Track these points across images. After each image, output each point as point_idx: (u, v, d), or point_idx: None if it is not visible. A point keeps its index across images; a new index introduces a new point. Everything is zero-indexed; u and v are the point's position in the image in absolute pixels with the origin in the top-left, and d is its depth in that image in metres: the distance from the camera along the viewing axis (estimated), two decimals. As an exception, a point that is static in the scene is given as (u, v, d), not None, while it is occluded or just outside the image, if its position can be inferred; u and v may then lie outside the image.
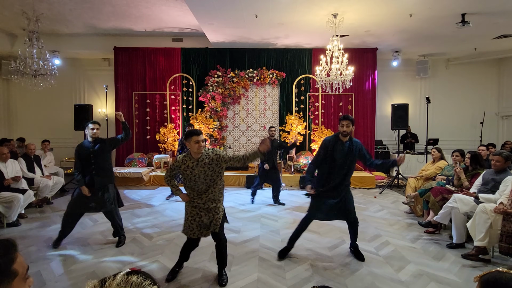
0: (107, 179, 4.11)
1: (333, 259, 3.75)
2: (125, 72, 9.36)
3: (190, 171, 3.03)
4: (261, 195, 6.92)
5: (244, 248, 4.07)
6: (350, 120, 3.62)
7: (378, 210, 5.94)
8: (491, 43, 8.50)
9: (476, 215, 3.67)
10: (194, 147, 2.99)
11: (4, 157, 5.29)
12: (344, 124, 3.61)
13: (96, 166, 4.01)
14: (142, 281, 0.85)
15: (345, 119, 3.62)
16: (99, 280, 0.85)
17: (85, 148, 4.02)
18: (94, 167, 4.00)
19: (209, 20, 7.02)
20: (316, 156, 3.81)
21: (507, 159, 4.02)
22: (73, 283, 3.16)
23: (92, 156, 3.99)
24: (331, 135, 3.83)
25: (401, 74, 10.46)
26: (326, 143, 3.70)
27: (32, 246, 4.10)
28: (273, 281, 3.21)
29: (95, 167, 4.00)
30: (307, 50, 9.28)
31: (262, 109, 9.50)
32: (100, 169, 4.04)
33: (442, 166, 5.59)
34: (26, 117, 10.50)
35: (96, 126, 4.03)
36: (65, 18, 7.61)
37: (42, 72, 6.47)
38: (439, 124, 10.29)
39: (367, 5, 6.06)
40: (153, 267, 3.50)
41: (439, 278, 3.28)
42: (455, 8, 6.14)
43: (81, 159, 4.02)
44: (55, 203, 6.30)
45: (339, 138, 3.68)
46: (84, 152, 4.01)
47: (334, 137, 3.72)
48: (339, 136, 3.68)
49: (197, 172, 3.02)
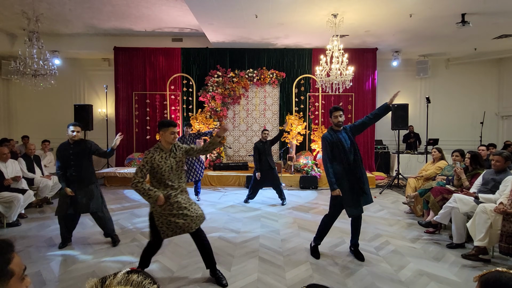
0: (88, 180, 4.09)
1: (333, 259, 3.75)
2: (125, 72, 9.36)
3: (164, 161, 3.04)
4: (261, 195, 6.92)
5: (244, 248, 4.07)
6: (341, 110, 3.71)
7: (378, 210, 5.94)
8: (491, 43, 8.50)
9: (476, 215, 3.67)
10: (169, 137, 3.06)
11: (4, 157, 5.30)
12: (337, 115, 3.66)
13: (76, 168, 4.01)
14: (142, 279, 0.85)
15: (337, 110, 3.68)
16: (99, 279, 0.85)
17: (65, 149, 4.03)
18: (74, 168, 4.01)
19: (209, 20, 7.02)
20: (325, 155, 3.69)
21: (507, 159, 4.02)
22: (73, 283, 3.16)
23: (72, 158, 4.00)
24: (325, 132, 3.83)
25: (401, 74, 10.46)
26: (329, 138, 3.66)
27: (32, 246, 4.11)
28: (273, 281, 3.21)
29: (75, 169, 4.01)
30: (307, 50, 9.29)
31: (262, 109, 9.50)
32: (80, 170, 4.03)
33: (442, 166, 5.59)
34: (26, 117, 10.50)
35: (77, 129, 4.04)
36: (65, 18, 7.61)
37: (42, 72, 6.47)
38: (439, 124, 10.30)
39: (367, 5, 6.06)
40: (153, 267, 3.50)
41: (439, 278, 3.28)
42: (455, 8, 6.14)
43: (62, 160, 4.03)
44: (55, 203, 6.29)
45: (335, 130, 3.71)
46: (65, 153, 4.01)
47: (331, 131, 3.72)
48: (334, 128, 3.72)
49: (169, 163, 3.06)
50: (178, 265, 3.56)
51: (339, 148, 3.61)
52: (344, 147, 3.61)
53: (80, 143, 4.07)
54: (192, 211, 3.10)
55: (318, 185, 7.92)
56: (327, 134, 3.73)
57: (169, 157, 3.07)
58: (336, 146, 3.62)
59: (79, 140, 4.08)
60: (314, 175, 7.93)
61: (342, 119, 3.67)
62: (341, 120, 3.66)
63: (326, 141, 3.67)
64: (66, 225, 4.10)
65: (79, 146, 4.05)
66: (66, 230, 4.12)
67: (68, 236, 4.17)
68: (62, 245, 4.07)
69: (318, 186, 7.91)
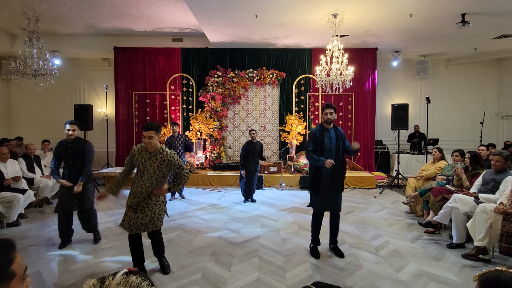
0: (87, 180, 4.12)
1: (333, 259, 3.75)
2: (125, 72, 9.36)
3: (142, 162, 3.14)
4: (261, 195, 6.92)
5: (244, 248, 4.07)
6: (333, 108, 3.74)
7: (378, 210, 5.94)
8: (491, 43, 8.50)
9: (476, 215, 3.67)
10: (143, 141, 3.13)
11: (4, 157, 5.30)
12: (328, 112, 3.72)
13: (74, 166, 4.06)
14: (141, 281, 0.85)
15: (329, 107, 3.74)
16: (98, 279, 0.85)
17: (63, 146, 4.07)
18: (72, 167, 4.06)
19: (209, 20, 7.02)
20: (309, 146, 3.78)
21: (507, 159, 4.02)
22: (73, 283, 3.16)
23: (70, 156, 4.05)
24: (314, 127, 3.90)
25: (401, 74, 10.47)
26: (314, 133, 3.77)
27: (32, 246, 4.11)
28: (273, 281, 3.21)
29: (73, 167, 4.05)
30: (307, 50, 9.29)
31: (262, 109, 9.50)
32: (77, 169, 4.06)
33: (442, 166, 5.59)
34: (26, 117, 10.50)
35: (72, 127, 4.05)
36: (65, 18, 7.61)
37: (42, 72, 6.47)
38: (439, 124, 10.30)
39: (367, 5, 6.06)
40: (153, 267, 3.50)
41: (439, 278, 3.28)
42: (455, 8, 6.14)
43: (59, 157, 4.08)
44: (55, 203, 6.27)
45: (324, 127, 3.77)
46: (63, 151, 4.06)
47: (319, 127, 3.79)
48: (324, 125, 3.78)
49: (148, 165, 3.13)
50: (178, 265, 3.55)
51: (320, 145, 3.71)
52: (323, 144, 3.70)
53: (80, 143, 4.09)
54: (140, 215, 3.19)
55: (318, 185, 7.90)
56: (314, 129, 3.84)
57: (148, 160, 3.13)
58: (318, 142, 3.72)
59: (79, 140, 4.09)
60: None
61: (333, 117, 3.73)
62: (331, 117, 3.72)
63: (311, 135, 3.80)
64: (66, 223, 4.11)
65: (78, 146, 4.06)
66: (66, 227, 4.13)
67: (69, 234, 4.17)
68: (62, 245, 4.07)
69: (318, 186, 7.90)
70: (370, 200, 6.74)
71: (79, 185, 4.01)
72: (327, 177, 3.72)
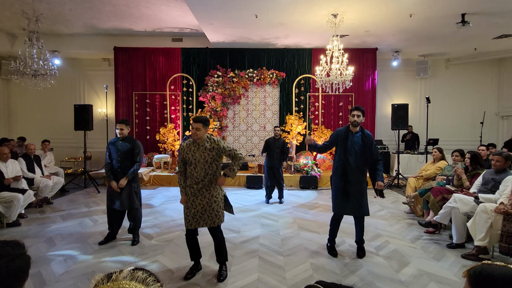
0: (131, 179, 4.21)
1: (333, 259, 3.75)
2: (125, 72, 9.37)
3: (192, 154, 3.18)
4: (261, 195, 6.91)
5: (244, 248, 4.07)
6: (361, 111, 3.70)
7: (378, 210, 5.94)
8: (491, 43, 8.50)
9: (477, 215, 3.67)
10: (191, 131, 3.21)
11: (4, 157, 5.30)
12: (355, 114, 3.68)
13: (122, 164, 4.15)
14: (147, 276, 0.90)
15: (356, 110, 3.71)
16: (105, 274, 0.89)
17: (113, 144, 4.20)
18: (119, 165, 4.14)
19: (209, 20, 7.02)
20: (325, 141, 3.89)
21: (507, 159, 4.02)
22: (73, 283, 3.16)
23: (120, 153, 4.15)
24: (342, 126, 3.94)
25: (401, 74, 10.47)
26: (338, 132, 3.79)
27: (32, 246, 4.10)
28: (273, 281, 3.21)
29: (121, 165, 4.15)
30: (307, 50, 9.29)
31: (262, 109, 9.50)
32: (125, 167, 4.15)
33: (442, 166, 5.58)
34: (26, 117, 10.50)
35: (121, 126, 4.17)
36: (65, 18, 7.61)
37: (42, 72, 6.47)
38: (439, 124, 10.30)
39: (367, 5, 6.06)
40: (153, 267, 3.50)
41: (439, 278, 3.28)
42: (455, 8, 6.14)
43: (110, 151, 4.19)
44: (55, 203, 6.30)
45: (350, 129, 3.75)
46: (114, 146, 4.18)
47: (345, 128, 3.79)
48: (350, 127, 3.77)
49: (197, 156, 3.17)
50: (178, 265, 3.55)
51: (340, 144, 3.70)
52: (346, 145, 3.67)
53: (130, 141, 4.22)
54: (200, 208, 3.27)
55: (318, 185, 7.91)
56: (341, 128, 3.86)
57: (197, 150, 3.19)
58: (339, 141, 3.72)
59: (129, 138, 4.25)
60: (314, 175, 7.92)
61: (359, 120, 3.67)
62: (357, 120, 3.67)
63: (334, 133, 3.83)
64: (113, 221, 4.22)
65: (128, 143, 4.19)
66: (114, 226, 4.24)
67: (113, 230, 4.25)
68: (105, 240, 4.17)
69: (318, 186, 7.91)
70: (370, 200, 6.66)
71: (124, 179, 4.08)
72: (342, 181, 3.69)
